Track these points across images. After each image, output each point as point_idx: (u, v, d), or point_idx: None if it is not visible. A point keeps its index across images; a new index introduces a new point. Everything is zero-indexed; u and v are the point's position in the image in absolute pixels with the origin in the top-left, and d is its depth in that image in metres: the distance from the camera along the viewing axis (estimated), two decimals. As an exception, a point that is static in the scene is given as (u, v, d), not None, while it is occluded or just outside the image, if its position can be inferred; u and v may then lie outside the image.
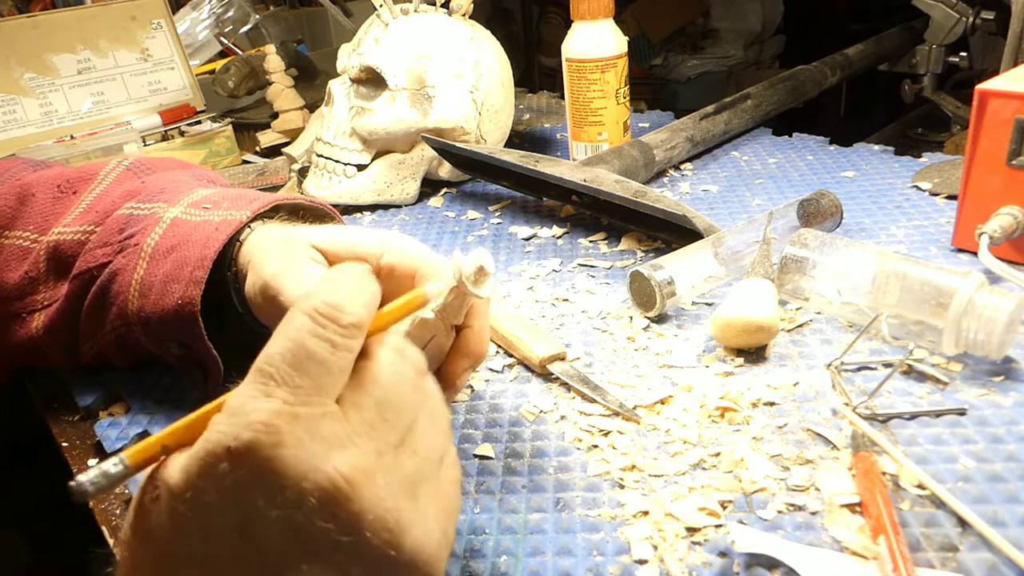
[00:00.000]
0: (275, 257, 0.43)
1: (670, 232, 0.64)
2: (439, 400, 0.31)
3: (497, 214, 0.77)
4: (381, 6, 0.80)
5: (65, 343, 0.52)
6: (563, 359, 0.50)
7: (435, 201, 0.83)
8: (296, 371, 0.26)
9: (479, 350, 0.39)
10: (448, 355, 0.39)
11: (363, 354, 0.28)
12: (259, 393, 0.25)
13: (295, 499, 0.24)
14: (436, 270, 0.40)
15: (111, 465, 0.26)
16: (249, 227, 0.48)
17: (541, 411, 0.46)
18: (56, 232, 0.52)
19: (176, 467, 0.25)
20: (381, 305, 0.31)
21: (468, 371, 0.40)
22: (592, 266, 0.64)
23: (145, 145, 0.96)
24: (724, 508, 0.38)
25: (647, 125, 0.98)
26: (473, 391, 0.49)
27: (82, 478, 0.25)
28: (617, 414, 0.45)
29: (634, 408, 0.45)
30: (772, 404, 0.44)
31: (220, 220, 0.48)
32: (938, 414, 0.42)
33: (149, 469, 0.26)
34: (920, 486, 0.37)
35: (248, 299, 0.45)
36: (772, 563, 0.34)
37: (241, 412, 0.25)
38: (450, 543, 0.29)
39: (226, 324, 0.49)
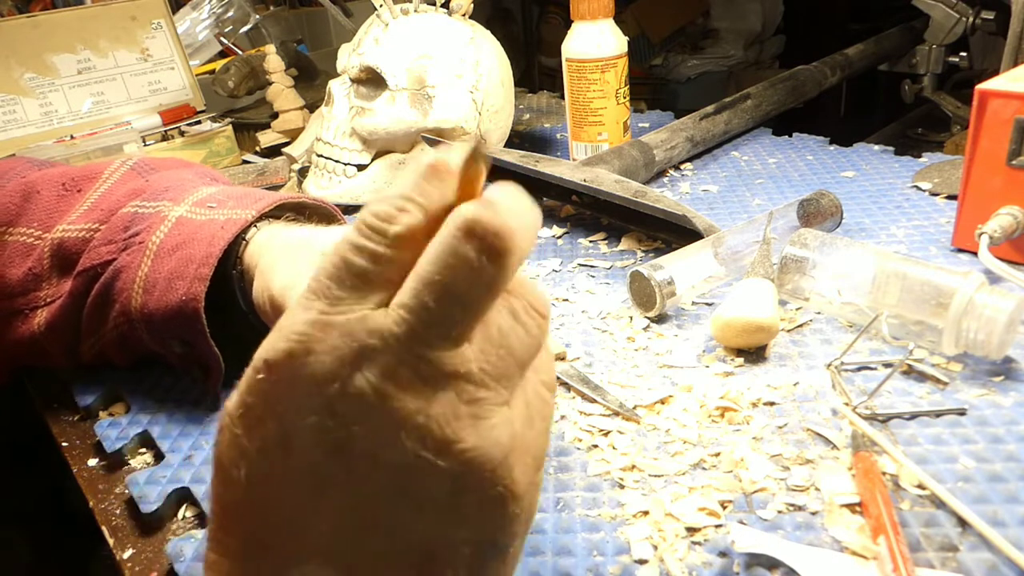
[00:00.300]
0: (284, 266, 0.43)
1: (670, 232, 0.64)
2: (529, 301, 0.27)
3: (497, 214, 0.77)
4: (381, 6, 0.80)
5: (67, 341, 0.52)
6: (563, 359, 0.50)
7: (435, 201, 0.83)
8: (335, 283, 0.24)
9: None
10: None
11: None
12: (300, 308, 0.25)
13: (327, 402, 0.23)
14: None
15: None
16: (255, 226, 0.48)
17: (541, 411, 0.46)
18: (60, 229, 0.52)
19: (233, 392, 0.25)
20: None
21: None
22: (592, 266, 0.64)
23: (145, 145, 0.96)
24: (724, 508, 0.38)
25: (647, 125, 0.98)
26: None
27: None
28: (617, 414, 0.45)
29: (634, 408, 0.45)
30: (772, 404, 0.44)
31: (225, 219, 0.48)
32: (938, 414, 0.42)
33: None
34: (920, 486, 0.37)
35: (256, 304, 0.45)
36: (772, 563, 0.34)
37: (282, 326, 0.24)
38: (534, 456, 0.26)
39: (228, 323, 0.49)
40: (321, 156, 0.81)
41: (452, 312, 0.23)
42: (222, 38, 1.34)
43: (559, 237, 0.70)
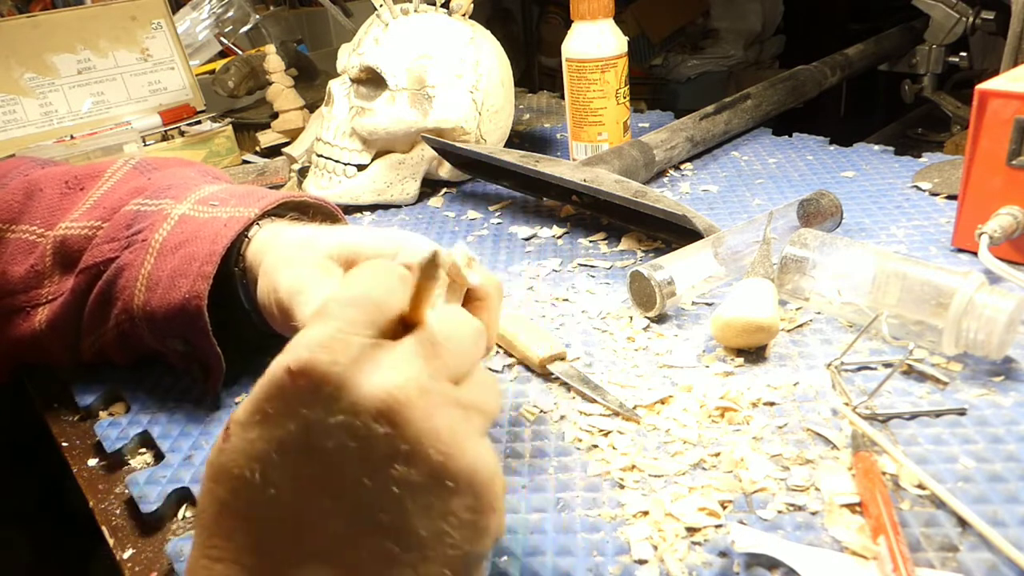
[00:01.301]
0: (289, 268, 0.43)
1: (670, 232, 0.64)
2: (493, 378, 0.33)
3: (497, 214, 0.77)
4: (381, 6, 0.80)
5: (67, 338, 0.52)
6: (563, 359, 0.50)
7: (435, 201, 0.83)
8: (351, 306, 0.28)
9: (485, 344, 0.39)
10: None
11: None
12: (318, 324, 0.28)
13: (351, 407, 0.26)
14: None
15: None
16: (257, 224, 0.48)
17: (541, 411, 0.46)
18: (63, 227, 0.52)
19: (241, 405, 0.28)
20: None
21: None
22: (592, 266, 0.64)
23: (145, 145, 0.96)
24: (724, 508, 0.38)
25: (647, 125, 0.98)
26: (473, 391, 0.49)
27: None
28: (617, 414, 0.45)
29: (634, 408, 0.45)
30: (772, 404, 0.44)
31: (228, 217, 0.48)
32: (938, 414, 0.42)
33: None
34: (920, 486, 0.37)
35: (261, 305, 0.45)
36: (772, 563, 0.34)
37: (299, 341, 0.27)
38: (504, 488, 0.29)
39: (229, 321, 0.49)
40: (321, 156, 0.81)
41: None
42: (222, 38, 1.34)
43: (559, 237, 0.70)
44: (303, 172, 0.87)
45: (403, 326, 0.29)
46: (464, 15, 0.82)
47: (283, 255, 0.44)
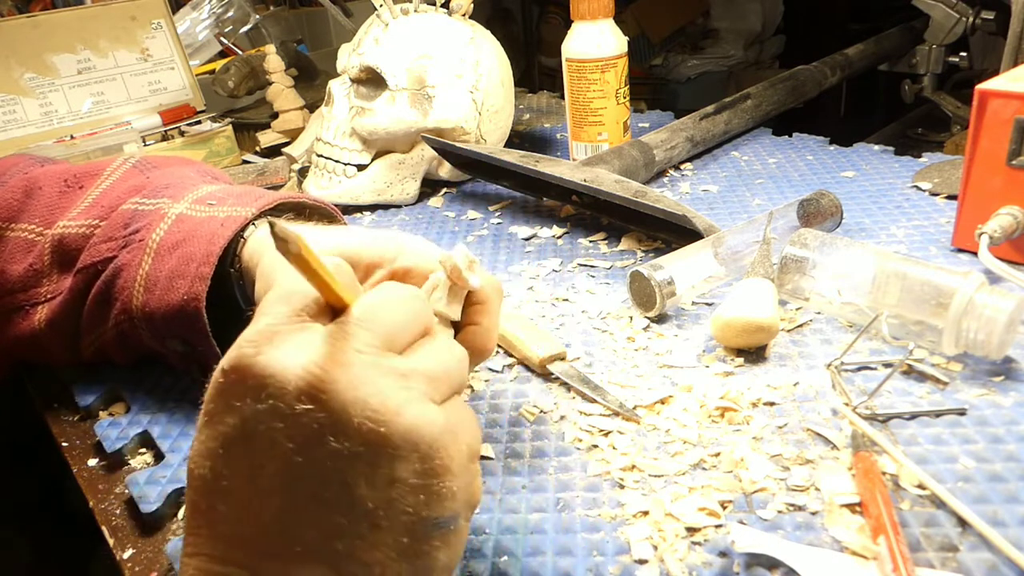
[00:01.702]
0: (286, 271, 0.43)
1: (670, 232, 0.64)
2: (448, 337, 0.34)
3: (497, 214, 0.77)
4: (381, 6, 0.80)
5: (67, 337, 0.52)
6: (563, 359, 0.50)
7: (435, 201, 0.83)
8: (279, 302, 0.30)
9: (484, 347, 0.39)
10: None
11: None
12: (252, 324, 0.30)
13: (275, 391, 0.27)
14: None
15: None
16: (254, 224, 0.48)
17: (541, 411, 0.46)
18: (61, 226, 0.52)
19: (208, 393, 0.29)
20: None
21: (472, 366, 0.40)
22: (592, 266, 0.64)
23: (145, 145, 0.96)
24: (724, 508, 0.38)
25: (647, 125, 0.98)
26: (473, 391, 0.49)
27: None
28: (617, 414, 0.45)
29: (634, 408, 0.45)
30: (772, 404, 0.44)
31: (225, 216, 0.48)
32: (938, 414, 0.42)
33: None
34: (920, 486, 0.37)
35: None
36: (772, 563, 0.34)
37: (235, 343, 0.29)
38: (467, 444, 0.30)
39: (227, 319, 0.49)
40: (321, 156, 0.81)
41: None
42: (222, 38, 1.34)
43: (559, 237, 0.70)
44: (303, 172, 0.87)
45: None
46: (464, 15, 0.82)
47: (279, 256, 0.44)
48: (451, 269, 0.37)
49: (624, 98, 0.81)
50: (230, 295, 0.49)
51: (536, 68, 2.19)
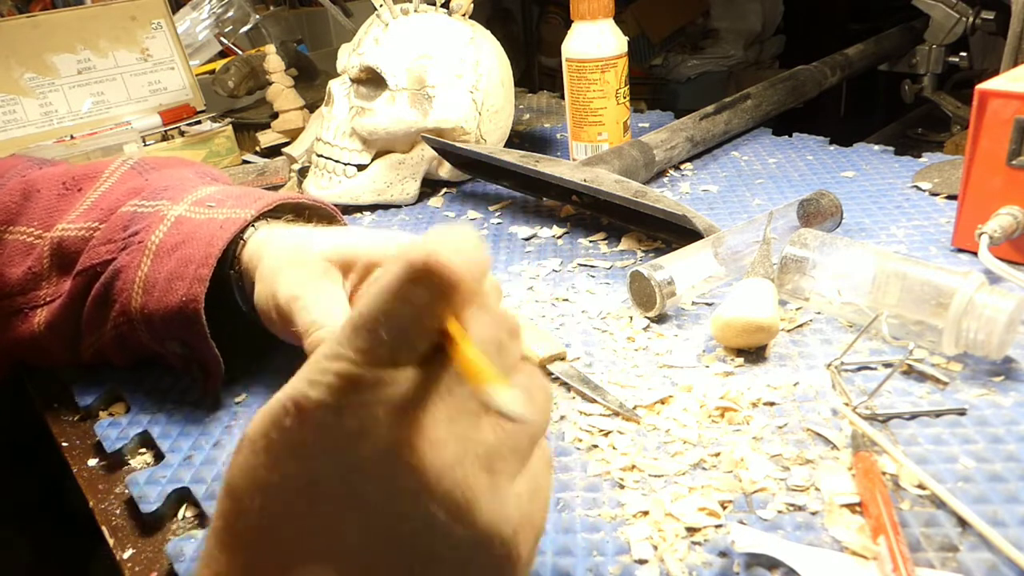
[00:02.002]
0: (287, 274, 0.43)
1: (670, 232, 0.64)
2: (539, 377, 0.29)
3: (497, 214, 0.77)
4: (381, 6, 0.80)
5: (66, 340, 0.52)
6: (563, 359, 0.50)
7: (435, 201, 0.83)
8: (372, 334, 0.24)
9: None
10: None
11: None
12: (333, 351, 0.24)
13: (356, 461, 0.24)
14: None
15: None
16: (253, 226, 0.48)
17: (541, 411, 0.46)
18: (60, 228, 0.52)
19: (256, 417, 0.25)
20: None
21: None
22: (592, 266, 0.64)
23: (145, 145, 0.96)
24: (724, 508, 0.38)
25: (647, 125, 0.98)
26: (473, 391, 0.49)
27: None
28: (617, 414, 0.45)
29: (634, 408, 0.45)
30: (772, 404, 0.44)
31: (224, 218, 0.48)
32: (938, 414, 0.42)
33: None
34: (920, 486, 0.37)
35: (259, 310, 0.45)
36: (772, 563, 0.34)
37: (316, 369, 0.24)
38: (536, 529, 0.27)
39: (226, 321, 0.49)
40: (321, 156, 0.81)
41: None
42: (222, 38, 1.34)
43: (559, 237, 0.70)
44: (303, 172, 0.87)
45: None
46: (464, 15, 0.82)
47: (280, 259, 0.44)
48: None
49: (624, 98, 0.81)
50: (229, 297, 0.49)
51: (536, 68, 2.19)
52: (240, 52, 1.30)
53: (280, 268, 0.43)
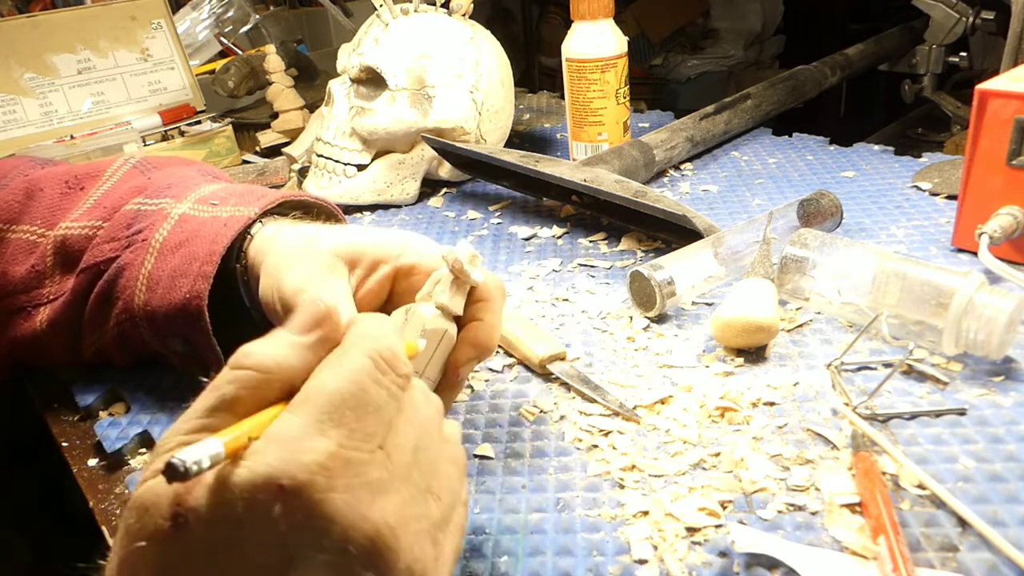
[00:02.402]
0: (294, 267, 0.42)
1: (670, 232, 0.64)
2: (458, 443, 0.32)
3: (497, 214, 0.77)
4: (381, 6, 0.80)
5: (68, 338, 0.52)
6: (563, 359, 0.50)
7: (435, 201, 0.83)
8: (354, 413, 0.26)
9: (487, 343, 0.40)
10: (455, 345, 0.39)
11: None
12: (314, 431, 0.25)
13: (340, 545, 0.24)
14: None
15: (212, 447, 0.23)
16: (260, 222, 0.48)
17: (541, 411, 0.46)
18: (63, 227, 0.52)
19: (211, 496, 0.24)
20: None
21: (473, 362, 0.40)
22: (592, 266, 0.64)
23: (145, 145, 0.96)
24: (724, 508, 0.38)
25: (647, 125, 0.98)
26: (473, 391, 0.49)
27: (186, 457, 0.23)
28: (617, 414, 0.45)
29: (634, 408, 0.45)
30: (772, 404, 0.44)
31: (228, 216, 0.48)
32: (938, 414, 0.42)
33: (149, 487, 0.25)
34: (920, 486, 0.37)
35: (264, 303, 0.45)
36: (772, 563, 0.34)
37: (295, 448, 0.24)
38: (456, 548, 0.30)
39: (230, 318, 0.49)
40: (321, 156, 0.81)
41: None
42: (222, 38, 1.34)
43: (559, 237, 0.70)
44: (303, 172, 0.87)
45: None
46: (464, 15, 0.82)
47: (286, 254, 0.44)
48: (453, 263, 0.37)
49: (624, 98, 0.81)
50: (233, 296, 0.49)
51: (536, 68, 2.19)
52: (240, 52, 1.30)
53: (286, 262, 0.43)
